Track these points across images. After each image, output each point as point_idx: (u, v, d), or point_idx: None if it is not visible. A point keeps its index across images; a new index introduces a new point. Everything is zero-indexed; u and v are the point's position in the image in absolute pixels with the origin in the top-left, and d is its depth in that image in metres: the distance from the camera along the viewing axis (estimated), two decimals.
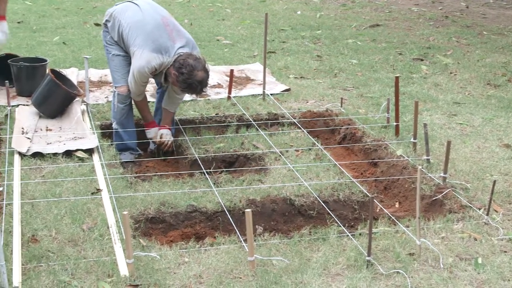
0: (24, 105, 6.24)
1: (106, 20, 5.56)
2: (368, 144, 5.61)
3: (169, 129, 5.59)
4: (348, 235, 4.17)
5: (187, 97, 6.14)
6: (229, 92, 6.62)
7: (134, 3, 5.50)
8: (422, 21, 11.22)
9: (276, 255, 3.94)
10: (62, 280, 3.61)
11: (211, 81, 7.14)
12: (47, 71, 5.97)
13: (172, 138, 5.57)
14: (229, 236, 4.24)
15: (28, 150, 5.21)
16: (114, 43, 5.51)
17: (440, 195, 4.65)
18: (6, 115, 5.94)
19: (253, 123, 5.95)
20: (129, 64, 5.42)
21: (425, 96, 6.89)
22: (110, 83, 6.89)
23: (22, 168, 4.97)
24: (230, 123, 6.06)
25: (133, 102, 5.54)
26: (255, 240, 4.00)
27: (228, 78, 6.93)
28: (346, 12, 11.90)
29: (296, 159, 5.36)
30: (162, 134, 5.54)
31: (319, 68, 7.97)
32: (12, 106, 6.10)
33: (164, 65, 5.19)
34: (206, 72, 5.18)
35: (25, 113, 5.97)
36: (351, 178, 5.03)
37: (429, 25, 10.86)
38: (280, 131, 5.90)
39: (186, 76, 5.06)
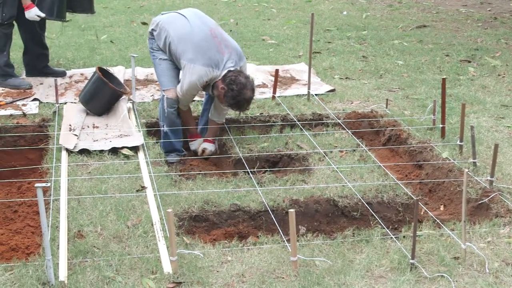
0: (72, 102, 6.34)
1: (152, 29, 5.65)
2: (413, 146, 5.55)
3: (212, 142, 5.64)
4: (392, 237, 4.14)
5: None
6: (274, 92, 6.62)
7: (182, 14, 5.56)
8: (470, 22, 11.07)
9: (319, 255, 3.94)
10: (107, 275, 3.66)
11: (256, 81, 7.17)
12: (95, 69, 6.05)
13: (213, 150, 5.65)
14: (272, 235, 4.25)
15: (75, 146, 5.29)
16: (159, 49, 5.59)
17: (487, 199, 4.59)
18: (54, 112, 6.04)
19: (298, 123, 5.94)
20: (176, 67, 5.50)
21: (472, 98, 6.80)
22: (156, 81, 6.95)
23: (69, 165, 5.04)
24: (274, 122, 6.06)
25: None
26: (298, 241, 4.00)
27: (273, 78, 6.93)
28: (392, 13, 11.80)
29: (340, 160, 5.34)
30: (204, 149, 5.62)
31: (365, 69, 7.92)
32: (60, 103, 6.20)
33: (214, 79, 5.26)
34: (253, 92, 5.31)
35: (73, 110, 6.07)
36: (395, 180, 4.99)
37: (477, 26, 10.70)
38: (325, 132, 5.88)
39: (236, 93, 5.14)
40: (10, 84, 6.77)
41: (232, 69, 5.26)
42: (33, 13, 6.55)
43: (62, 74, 7.23)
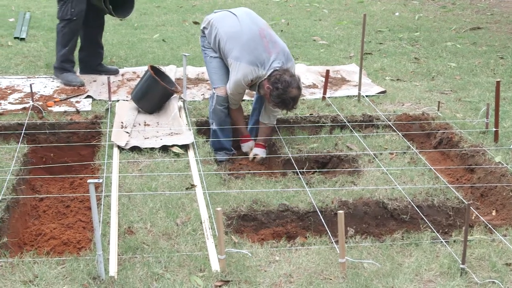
0: (124, 100, 6.42)
1: (204, 27, 5.71)
2: (465, 150, 5.47)
3: (264, 146, 5.66)
4: (442, 242, 4.09)
5: None
6: (324, 93, 6.60)
7: (233, 13, 5.60)
8: None
9: (367, 258, 3.91)
10: (156, 272, 3.70)
11: (306, 81, 7.17)
12: (147, 67, 6.11)
13: (264, 156, 5.64)
14: (320, 236, 4.24)
15: (126, 144, 5.36)
16: (211, 47, 5.64)
17: None
18: (107, 109, 6.12)
19: (347, 124, 5.91)
20: (226, 65, 5.53)
21: None
22: (207, 80, 7.00)
23: (121, 161, 5.11)
24: (324, 123, 6.04)
25: None
26: (346, 242, 3.98)
27: (323, 79, 6.90)
28: (446, 14, 11.64)
29: (390, 162, 5.29)
30: (256, 155, 5.63)
31: (416, 71, 7.83)
32: (113, 100, 6.28)
33: (259, 78, 5.28)
34: (300, 90, 5.27)
35: (125, 108, 6.14)
36: (446, 183, 4.92)
37: None
38: (375, 133, 5.84)
39: (281, 91, 5.13)
40: (64, 79, 6.89)
41: (278, 68, 5.26)
42: None
43: (115, 72, 7.33)
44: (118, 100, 6.40)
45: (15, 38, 8.98)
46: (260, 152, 5.63)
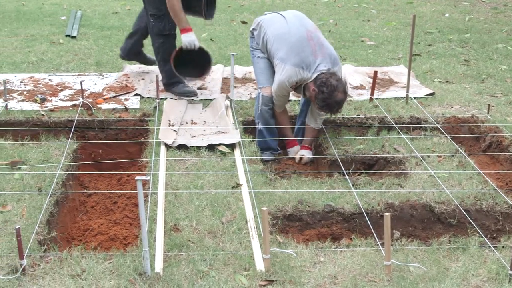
0: (171, 98, 6.48)
1: (253, 29, 5.75)
2: None
3: (310, 148, 5.66)
4: (490, 247, 4.03)
5: None
6: (372, 94, 6.56)
7: (282, 15, 5.61)
8: None
9: (413, 261, 3.87)
10: (201, 270, 3.72)
11: (354, 82, 7.13)
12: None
13: (311, 157, 5.64)
14: (366, 238, 4.21)
15: (173, 142, 5.40)
16: (259, 48, 5.67)
17: None
18: (155, 107, 6.18)
19: (395, 126, 5.86)
20: (273, 66, 5.54)
21: None
22: (254, 80, 7.01)
23: (167, 159, 5.16)
24: (371, 125, 6.00)
25: None
26: (392, 245, 3.95)
27: (371, 80, 6.86)
28: (497, 16, 11.45)
29: (438, 165, 5.23)
30: (302, 156, 5.62)
31: (466, 73, 7.72)
32: (161, 98, 6.34)
33: (304, 80, 5.26)
34: (345, 94, 5.24)
35: (173, 106, 6.20)
36: (495, 188, 4.84)
37: None
38: (422, 136, 5.77)
39: (326, 95, 5.12)
40: (178, 91, 6.60)
41: (324, 71, 5.24)
42: (192, 38, 6.16)
43: (154, 63, 7.17)
44: (166, 98, 6.46)
45: (66, 36, 9.14)
46: (306, 154, 5.62)
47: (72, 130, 5.63)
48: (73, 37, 9.10)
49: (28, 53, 8.21)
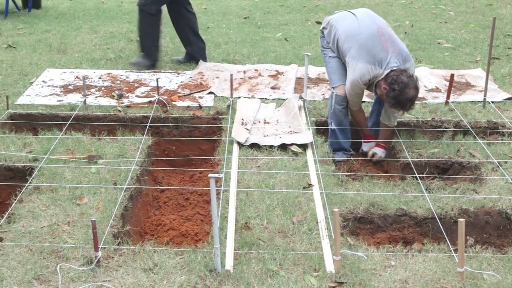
0: (245, 97, 6.52)
1: (323, 27, 5.74)
2: None
3: (384, 147, 5.60)
4: None
5: None
6: (448, 97, 6.44)
7: (352, 12, 5.57)
8: None
9: (487, 269, 3.79)
10: (271, 269, 3.73)
11: (429, 84, 7.02)
12: None
13: (383, 156, 5.60)
14: (438, 244, 4.14)
15: (246, 140, 5.43)
16: (329, 47, 5.64)
17: None
18: (228, 106, 6.23)
19: (471, 130, 5.74)
20: (345, 65, 5.50)
21: None
22: (327, 80, 6.98)
23: (240, 158, 5.19)
24: (446, 128, 5.89)
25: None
26: (465, 252, 3.87)
27: (447, 83, 6.74)
28: None
29: None
30: (375, 153, 5.60)
31: None
32: (234, 97, 6.39)
33: (376, 77, 5.21)
34: (417, 90, 5.15)
35: (246, 105, 6.24)
36: None
37: None
38: (500, 141, 5.63)
39: (397, 93, 5.05)
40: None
41: (395, 68, 5.17)
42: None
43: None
44: (239, 97, 6.50)
45: None
46: (379, 152, 5.57)
47: (147, 127, 5.73)
48: None
49: (107, 50, 8.41)
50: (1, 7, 10.95)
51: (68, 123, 5.74)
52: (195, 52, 7.83)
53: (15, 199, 4.49)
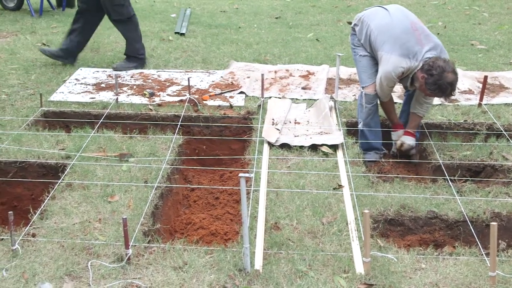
0: (276, 97, 6.52)
1: (354, 24, 5.69)
2: None
3: (413, 135, 5.55)
4: None
5: (436, 101, 6.00)
6: (481, 99, 6.37)
7: (384, 8, 5.53)
8: None
9: None
10: (300, 269, 3.72)
11: (462, 86, 6.95)
12: None
13: (413, 144, 5.52)
14: (470, 247, 4.10)
15: (276, 140, 5.43)
16: (360, 45, 5.60)
17: None
18: (259, 105, 6.24)
19: (504, 133, 5.67)
20: (376, 64, 5.47)
21: None
22: (358, 81, 6.95)
23: (270, 158, 5.19)
24: (479, 131, 5.84)
25: (378, 102, 5.57)
26: (497, 256, 3.82)
27: (480, 85, 6.67)
28: None
29: None
30: (403, 141, 5.53)
31: None
32: (265, 97, 6.39)
33: (411, 70, 5.15)
34: (456, 74, 5.06)
35: (276, 105, 6.24)
36: None
37: None
38: None
39: (436, 77, 4.97)
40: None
41: (429, 56, 5.12)
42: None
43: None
44: (270, 97, 6.50)
45: (175, 33, 9.37)
46: (408, 140, 5.51)
47: (178, 125, 5.76)
48: (182, 34, 9.30)
49: None
50: (36, 6, 11.09)
51: (100, 121, 5.79)
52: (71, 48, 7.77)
53: (47, 196, 4.54)
